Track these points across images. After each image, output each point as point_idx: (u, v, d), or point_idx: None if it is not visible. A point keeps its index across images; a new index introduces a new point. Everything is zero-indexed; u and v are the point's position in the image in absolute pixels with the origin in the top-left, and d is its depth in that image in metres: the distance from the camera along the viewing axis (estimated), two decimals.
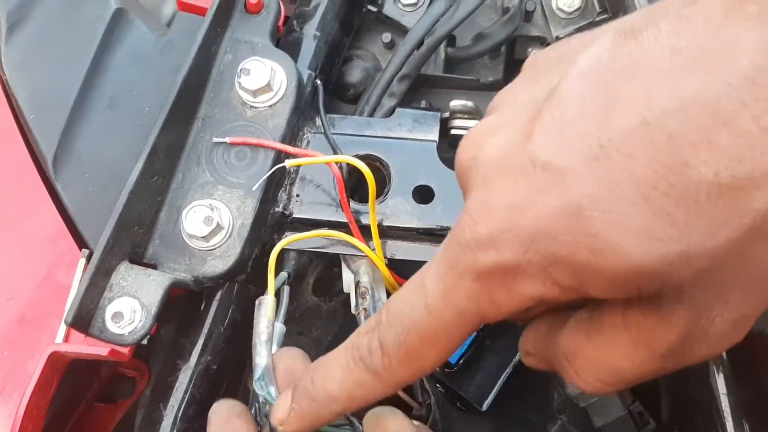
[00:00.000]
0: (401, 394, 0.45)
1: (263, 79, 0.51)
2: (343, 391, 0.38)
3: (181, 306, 0.56)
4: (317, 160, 0.51)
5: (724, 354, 0.50)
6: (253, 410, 0.46)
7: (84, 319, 0.45)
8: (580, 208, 0.30)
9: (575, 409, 0.52)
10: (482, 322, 0.34)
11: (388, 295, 0.56)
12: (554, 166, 0.31)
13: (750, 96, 0.28)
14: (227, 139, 0.51)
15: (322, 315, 0.69)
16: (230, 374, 0.53)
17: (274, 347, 0.48)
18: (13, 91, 0.52)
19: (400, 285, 0.56)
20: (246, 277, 0.54)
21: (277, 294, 0.50)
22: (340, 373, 0.38)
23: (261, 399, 0.44)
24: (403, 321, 0.36)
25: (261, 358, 0.46)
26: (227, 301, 0.55)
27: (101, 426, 0.61)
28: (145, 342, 0.47)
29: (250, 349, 0.58)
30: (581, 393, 0.52)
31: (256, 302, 0.49)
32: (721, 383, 0.50)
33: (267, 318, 0.48)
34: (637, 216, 0.29)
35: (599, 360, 0.34)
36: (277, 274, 0.50)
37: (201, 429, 0.54)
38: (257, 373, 0.45)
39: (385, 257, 0.54)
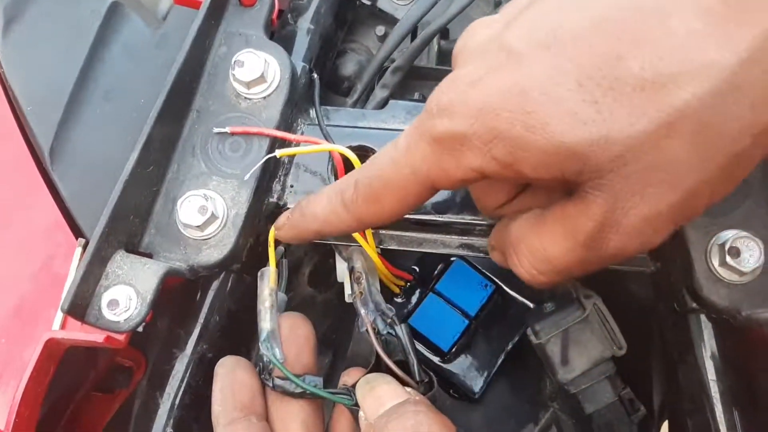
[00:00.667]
0: (399, 372, 0.46)
1: (257, 70, 0.52)
2: (322, 214, 0.46)
3: (176, 297, 0.57)
4: (307, 150, 0.52)
5: (713, 342, 0.51)
6: (257, 369, 0.49)
7: (80, 307, 0.46)
8: (524, 89, 0.34)
9: (566, 397, 0.53)
10: (434, 186, 0.39)
11: (382, 284, 0.57)
12: (515, 51, 0.35)
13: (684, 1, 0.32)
14: (228, 129, 0.52)
15: (317, 305, 0.69)
16: None
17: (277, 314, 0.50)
18: (10, 85, 0.53)
19: (393, 274, 0.57)
20: (241, 267, 0.54)
21: (278, 266, 0.53)
22: (324, 199, 0.45)
23: (265, 359, 0.48)
24: (375, 166, 0.42)
25: (265, 322, 0.49)
26: (222, 291, 0.56)
27: (99, 415, 0.61)
28: (140, 329, 0.48)
29: (244, 339, 0.59)
30: (572, 380, 0.53)
31: (259, 273, 0.51)
32: (710, 370, 0.51)
33: (269, 286, 0.51)
34: (569, 100, 0.33)
35: (536, 248, 0.39)
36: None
37: (197, 417, 0.55)
38: (263, 335, 0.48)
39: (377, 247, 0.55)
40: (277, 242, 0.52)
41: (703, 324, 0.51)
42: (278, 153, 0.51)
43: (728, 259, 0.47)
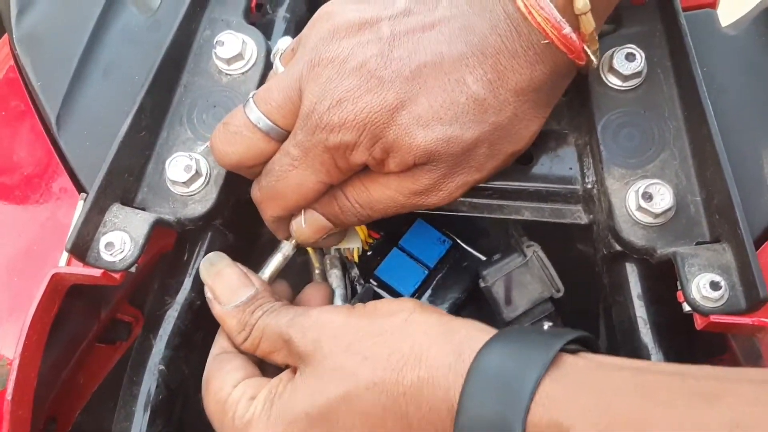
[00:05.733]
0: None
1: (235, 49, 0.59)
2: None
3: (168, 257, 0.64)
4: None
5: (638, 282, 0.58)
6: None
7: (81, 248, 0.53)
8: (395, 108, 0.48)
9: None
10: (330, 180, 0.52)
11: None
12: (384, 82, 0.48)
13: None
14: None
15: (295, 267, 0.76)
16: (210, 311, 0.60)
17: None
18: (22, 63, 0.61)
19: (370, 235, 0.64)
20: (223, 222, 0.62)
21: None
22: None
23: None
24: (275, 174, 0.53)
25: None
26: (209, 247, 0.63)
27: (101, 363, 0.68)
28: (133, 270, 0.55)
29: None
30: (515, 318, 0.59)
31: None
32: (638, 306, 0.57)
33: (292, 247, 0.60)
34: (424, 116, 0.49)
35: (363, 191, 0.53)
36: None
37: (185, 357, 0.62)
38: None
39: None
40: None
41: (630, 268, 0.58)
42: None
43: (642, 202, 0.53)
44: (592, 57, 0.51)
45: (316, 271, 0.66)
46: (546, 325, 0.59)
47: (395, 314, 0.48)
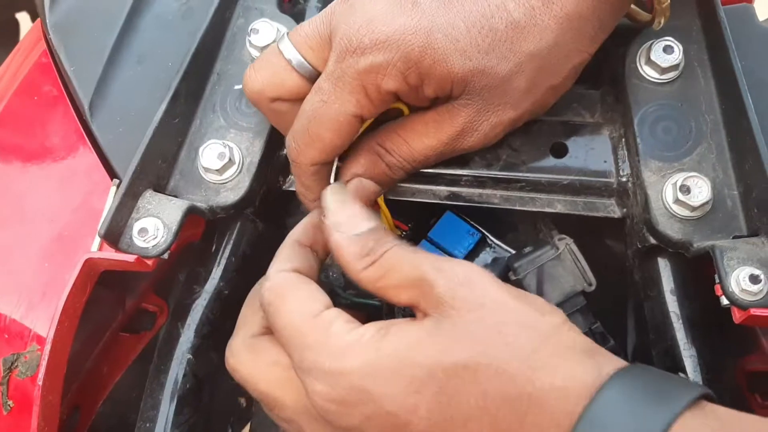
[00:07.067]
0: None
1: (270, 37, 0.59)
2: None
3: (196, 247, 0.64)
4: None
5: (672, 276, 0.57)
6: None
7: (114, 234, 0.53)
8: (431, 31, 0.47)
9: None
10: (361, 115, 0.49)
11: None
12: (420, 5, 0.47)
13: None
14: None
15: None
16: (239, 301, 0.60)
17: None
18: (56, 49, 0.61)
19: (397, 227, 0.64)
20: (254, 212, 0.61)
21: None
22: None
23: None
24: (306, 114, 0.50)
25: None
26: (239, 237, 0.62)
27: (125, 353, 0.68)
28: (166, 257, 0.54)
29: (257, 279, 0.65)
30: None
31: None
32: (671, 302, 0.57)
33: None
34: (461, 42, 0.47)
35: (403, 144, 0.52)
36: None
37: (213, 346, 0.62)
38: None
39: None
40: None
41: (664, 263, 0.58)
42: None
43: (680, 195, 0.53)
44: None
45: None
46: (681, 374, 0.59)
47: (548, 315, 0.44)
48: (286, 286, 0.47)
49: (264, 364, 0.47)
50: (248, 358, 0.48)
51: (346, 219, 0.47)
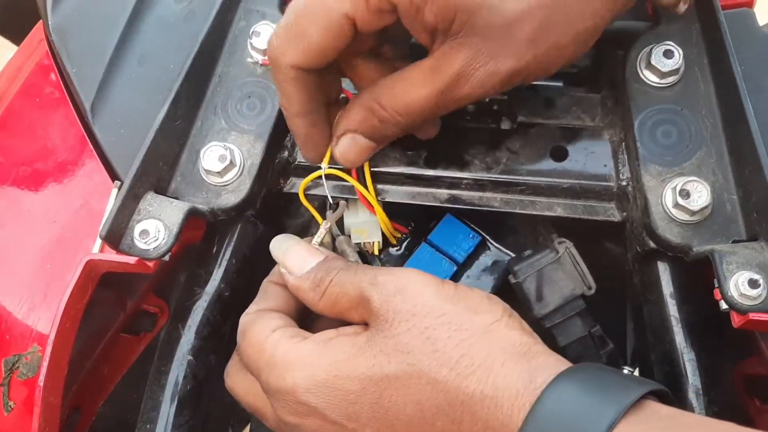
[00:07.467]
0: None
1: None
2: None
3: (196, 250, 0.64)
4: None
5: (671, 280, 0.57)
6: None
7: (116, 235, 0.53)
8: None
9: (541, 331, 0.58)
10: (354, 18, 0.47)
11: (384, 238, 0.64)
12: None
13: None
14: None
15: None
16: (239, 302, 0.60)
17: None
18: (57, 51, 0.61)
19: (395, 228, 0.64)
20: (255, 214, 0.61)
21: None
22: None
23: None
24: (295, 7, 0.48)
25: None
26: (239, 239, 0.62)
27: (126, 354, 0.68)
28: (166, 258, 0.54)
29: (257, 281, 0.65)
30: (546, 315, 0.59)
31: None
32: (671, 305, 0.57)
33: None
34: None
35: (398, 96, 0.49)
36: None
37: (214, 348, 0.62)
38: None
39: (379, 200, 0.61)
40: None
41: (663, 266, 0.58)
42: None
43: (679, 200, 0.53)
44: None
45: None
46: (626, 370, 0.59)
47: (482, 314, 0.45)
48: (246, 324, 0.51)
49: (249, 382, 0.51)
50: (239, 378, 0.53)
51: (293, 263, 0.52)
